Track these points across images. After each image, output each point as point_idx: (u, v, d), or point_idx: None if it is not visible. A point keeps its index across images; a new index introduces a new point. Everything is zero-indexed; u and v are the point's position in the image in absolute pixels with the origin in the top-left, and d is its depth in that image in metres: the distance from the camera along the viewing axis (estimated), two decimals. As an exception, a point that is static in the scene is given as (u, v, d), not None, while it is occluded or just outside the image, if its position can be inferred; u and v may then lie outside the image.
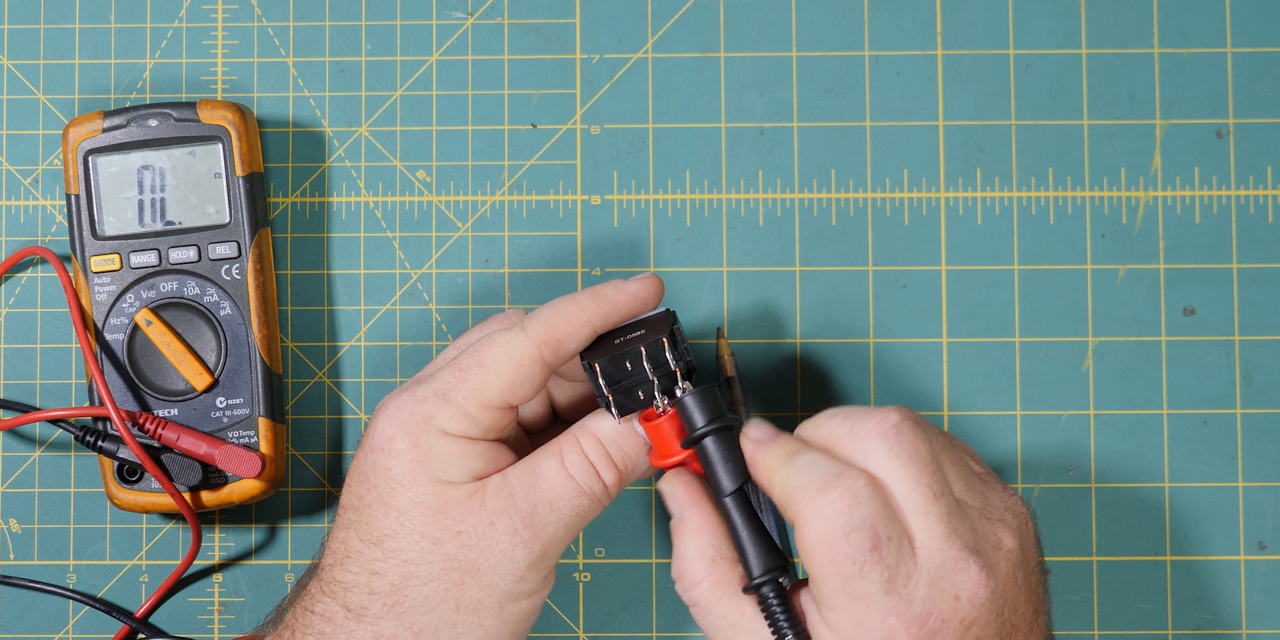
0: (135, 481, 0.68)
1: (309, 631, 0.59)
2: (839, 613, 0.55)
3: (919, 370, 0.71)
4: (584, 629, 0.70)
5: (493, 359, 0.58)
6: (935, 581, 0.54)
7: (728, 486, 0.58)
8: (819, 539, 0.54)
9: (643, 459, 0.60)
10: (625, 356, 0.59)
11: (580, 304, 0.59)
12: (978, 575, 0.55)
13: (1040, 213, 0.71)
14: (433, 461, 0.58)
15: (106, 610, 0.69)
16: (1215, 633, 0.70)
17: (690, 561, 0.59)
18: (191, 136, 0.68)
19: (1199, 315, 0.71)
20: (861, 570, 0.54)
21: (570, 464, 0.59)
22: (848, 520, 0.54)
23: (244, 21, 0.72)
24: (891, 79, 0.72)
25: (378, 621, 0.58)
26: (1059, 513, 0.70)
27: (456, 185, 0.71)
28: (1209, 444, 0.70)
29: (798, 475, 0.56)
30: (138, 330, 0.68)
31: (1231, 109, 0.71)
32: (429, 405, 0.58)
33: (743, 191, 0.71)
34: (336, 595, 0.58)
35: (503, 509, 0.58)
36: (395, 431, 0.58)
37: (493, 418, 0.58)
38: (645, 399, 0.59)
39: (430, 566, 0.57)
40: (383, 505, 0.58)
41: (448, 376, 0.59)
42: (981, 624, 0.55)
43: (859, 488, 0.55)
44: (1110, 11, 0.72)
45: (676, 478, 0.60)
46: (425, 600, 0.57)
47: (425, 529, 0.57)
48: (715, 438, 0.58)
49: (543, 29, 0.72)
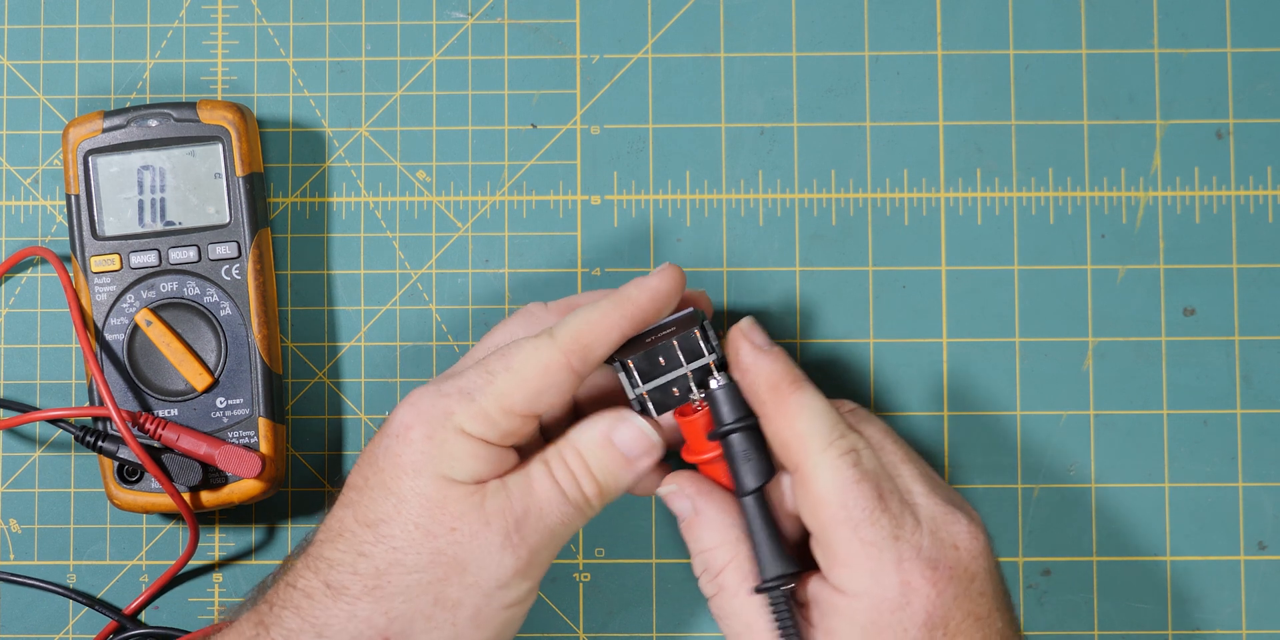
0: (135, 481, 0.68)
1: (286, 605, 0.59)
2: (852, 568, 0.56)
3: (919, 370, 0.71)
4: (584, 629, 0.70)
5: (520, 365, 0.58)
6: (934, 531, 0.57)
7: (749, 484, 0.59)
8: (830, 488, 0.57)
9: (622, 474, 0.60)
10: (658, 352, 0.59)
11: (605, 310, 0.59)
12: (968, 527, 0.58)
13: (1040, 213, 0.71)
14: (443, 456, 0.58)
15: (90, 604, 0.69)
16: (1215, 633, 0.70)
17: (713, 548, 0.60)
18: (191, 136, 0.68)
19: (1199, 315, 0.71)
20: (871, 516, 0.56)
21: (556, 471, 0.59)
22: (858, 471, 0.57)
23: (244, 21, 0.72)
24: (891, 79, 0.72)
25: (355, 601, 0.58)
26: (1059, 513, 0.70)
27: (456, 185, 0.71)
28: (1209, 444, 0.70)
29: (805, 421, 0.58)
30: (138, 330, 0.68)
31: (1231, 109, 0.71)
32: (451, 401, 0.58)
33: (743, 191, 0.71)
34: (320, 571, 0.59)
35: (499, 511, 0.58)
36: (414, 421, 0.59)
37: (513, 424, 0.59)
38: (679, 396, 0.60)
39: (418, 557, 0.58)
40: (384, 489, 0.58)
41: (474, 377, 0.59)
42: (982, 578, 0.57)
43: (862, 445, 0.58)
44: (1110, 11, 0.72)
45: (679, 477, 0.61)
46: (406, 589, 0.58)
47: (420, 520, 0.58)
48: (743, 434, 0.59)
49: (543, 29, 0.72)
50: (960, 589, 0.56)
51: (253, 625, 0.59)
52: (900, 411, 0.70)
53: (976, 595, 0.57)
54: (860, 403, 0.70)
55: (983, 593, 0.57)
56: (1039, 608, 0.70)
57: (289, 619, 0.58)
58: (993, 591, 0.58)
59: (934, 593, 0.56)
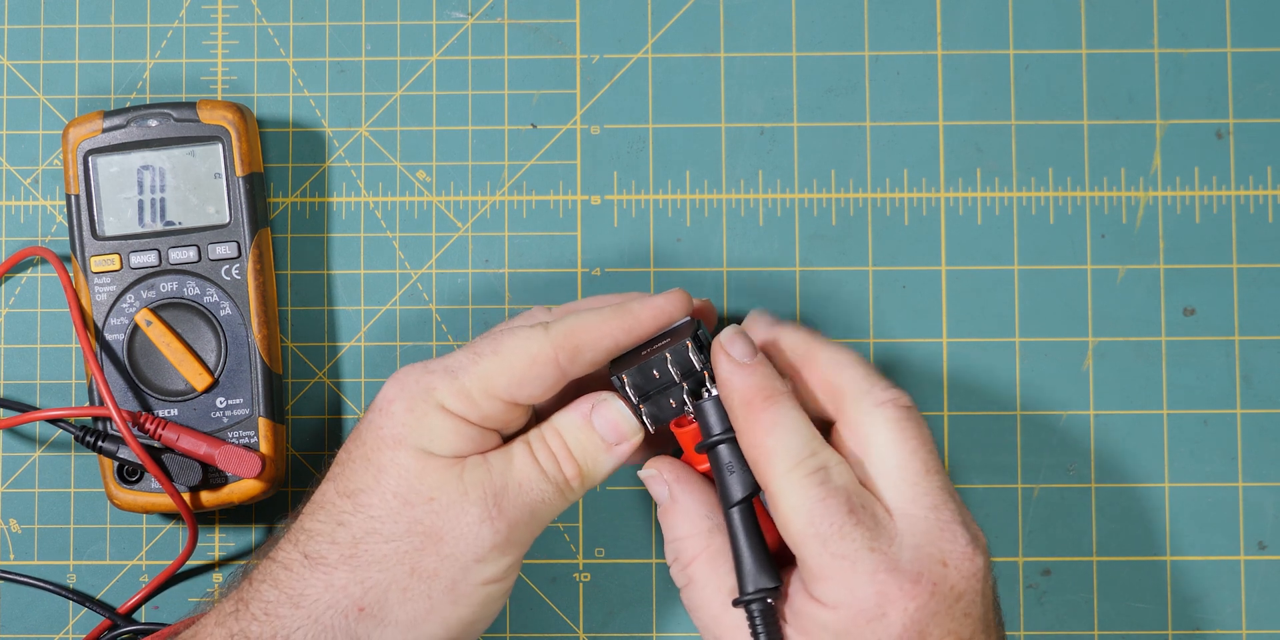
0: (135, 481, 0.68)
1: (264, 578, 0.59)
2: (828, 581, 0.55)
3: (919, 370, 0.71)
4: (584, 629, 0.70)
5: (508, 349, 0.59)
6: (921, 545, 0.55)
7: (736, 495, 0.58)
8: (796, 506, 0.56)
9: (602, 458, 0.60)
10: (652, 365, 0.59)
11: (604, 316, 0.59)
12: (966, 546, 0.56)
13: (1040, 213, 0.71)
14: (423, 430, 0.58)
15: (82, 601, 0.69)
16: (1215, 633, 0.70)
17: (685, 538, 0.60)
18: (191, 136, 0.68)
19: (1199, 315, 0.71)
20: (840, 531, 0.55)
21: (536, 450, 0.60)
22: (824, 489, 0.56)
23: (244, 21, 0.72)
24: (891, 79, 0.72)
25: (332, 571, 0.58)
26: (1059, 513, 0.70)
27: (456, 185, 0.71)
28: (1209, 444, 0.70)
29: (773, 439, 0.57)
30: (138, 330, 0.68)
31: (1231, 109, 0.71)
32: (435, 377, 0.59)
33: (743, 191, 0.71)
34: (299, 543, 0.59)
35: (477, 482, 0.58)
36: (396, 394, 0.59)
37: (494, 408, 0.59)
38: (675, 408, 0.60)
39: (395, 526, 0.58)
40: (364, 461, 0.59)
41: (461, 356, 0.59)
42: (969, 599, 0.56)
43: (834, 462, 0.57)
44: (1110, 11, 0.72)
45: (660, 462, 0.61)
46: (383, 558, 0.58)
47: (398, 489, 0.58)
48: (728, 445, 0.59)
49: (543, 29, 0.72)
50: (942, 606, 0.55)
51: (233, 601, 0.60)
52: (900, 411, 0.70)
53: (960, 615, 0.55)
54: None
55: (968, 614, 0.56)
56: (1039, 608, 0.70)
57: (267, 591, 0.59)
58: (980, 615, 0.56)
59: (913, 606, 0.54)
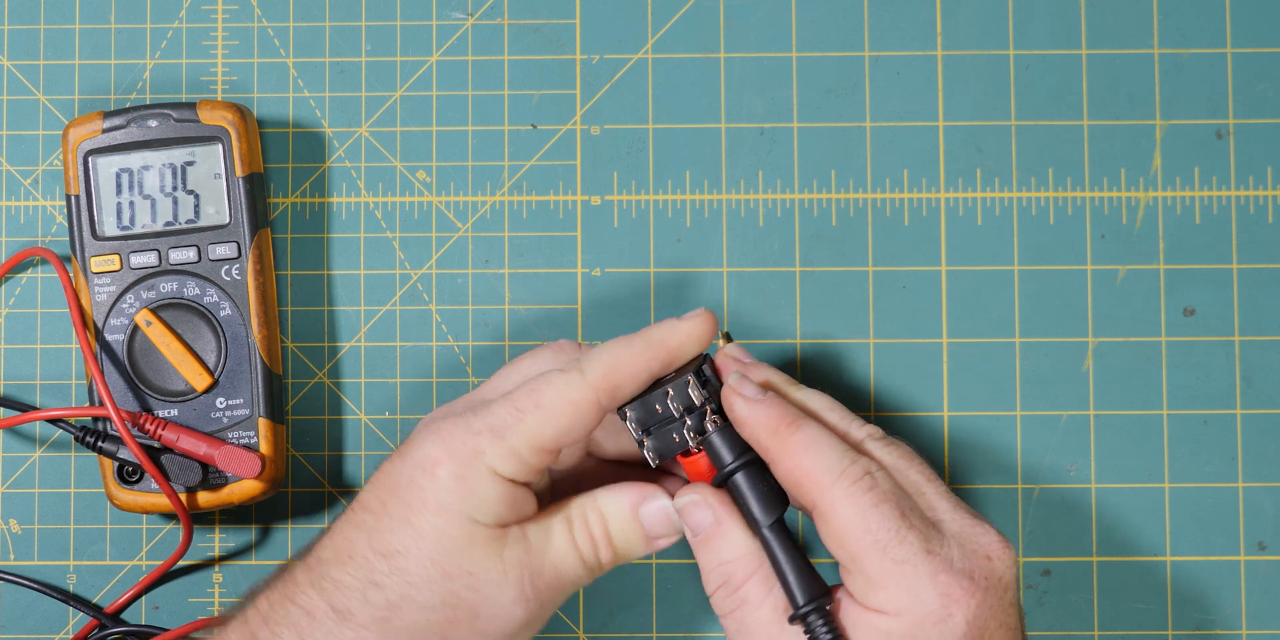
0: (135, 482, 0.68)
1: (284, 622, 0.58)
2: (888, 588, 0.56)
3: (919, 370, 0.71)
4: (584, 629, 0.70)
5: (550, 401, 0.58)
6: (964, 543, 0.57)
7: (765, 519, 0.58)
8: (850, 516, 0.56)
9: (639, 547, 0.60)
10: (654, 400, 0.59)
11: (637, 350, 0.59)
12: (997, 538, 0.57)
13: (1040, 213, 0.71)
14: (472, 499, 0.57)
15: (65, 600, 0.69)
16: (1215, 633, 0.70)
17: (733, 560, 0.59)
18: (191, 137, 0.68)
19: (1199, 315, 0.71)
20: (898, 536, 0.56)
21: (577, 532, 0.59)
22: (874, 495, 0.56)
23: (244, 22, 0.72)
24: (891, 79, 0.72)
25: (361, 630, 0.57)
26: (1059, 513, 0.70)
27: (456, 185, 0.71)
28: (1209, 444, 0.70)
29: (811, 458, 0.57)
30: (138, 330, 0.68)
31: (1231, 109, 0.71)
32: (483, 440, 0.57)
33: (743, 192, 0.71)
34: (326, 592, 0.58)
35: (516, 562, 0.58)
36: (442, 457, 0.57)
37: (542, 461, 0.58)
38: (680, 441, 0.59)
39: (431, 596, 0.57)
40: (404, 521, 0.57)
41: (503, 413, 0.58)
42: (1013, 589, 0.57)
43: (875, 467, 0.58)
44: (1110, 11, 0.72)
45: (697, 488, 0.60)
46: (415, 625, 0.57)
47: (437, 559, 0.57)
48: (745, 472, 0.58)
49: (543, 29, 0.72)
50: (996, 599, 0.56)
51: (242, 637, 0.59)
52: (900, 411, 0.70)
53: (1009, 605, 0.57)
54: (860, 403, 0.70)
55: (1013, 603, 0.57)
56: (1039, 608, 0.70)
57: (286, 636, 0.58)
58: (1018, 601, 0.58)
59: (974, 603, 0.55)
